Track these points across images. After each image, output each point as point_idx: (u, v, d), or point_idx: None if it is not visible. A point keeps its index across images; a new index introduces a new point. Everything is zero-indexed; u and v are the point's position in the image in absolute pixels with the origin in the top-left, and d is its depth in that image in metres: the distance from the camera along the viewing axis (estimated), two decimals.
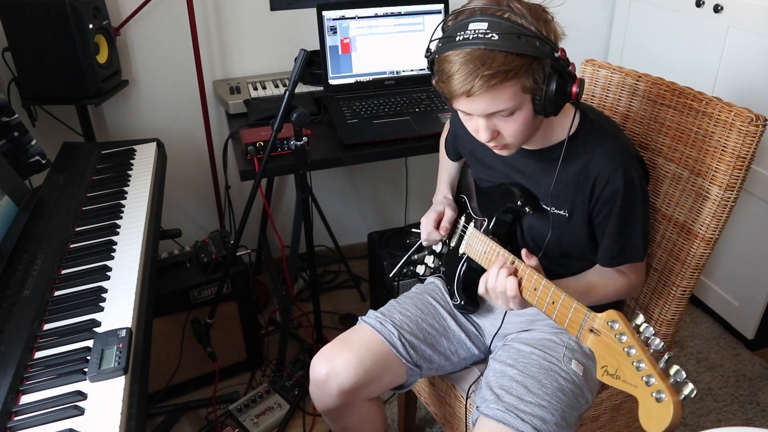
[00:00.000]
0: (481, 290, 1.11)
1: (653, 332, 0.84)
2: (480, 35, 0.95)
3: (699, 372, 2.04)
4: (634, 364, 0.83)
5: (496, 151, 1.13)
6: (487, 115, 1.02)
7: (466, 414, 1.32)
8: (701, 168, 1.21)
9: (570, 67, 0.99)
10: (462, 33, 0.96)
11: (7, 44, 1.74)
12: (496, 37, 0.94)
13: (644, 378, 0.81)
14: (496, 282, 1.07)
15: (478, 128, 1.06)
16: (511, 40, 0.94)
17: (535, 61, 0.96)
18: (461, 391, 1.34)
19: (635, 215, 1.13)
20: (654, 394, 0.79)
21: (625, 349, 0.84)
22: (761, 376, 2.01)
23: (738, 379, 2.00)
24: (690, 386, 0.78)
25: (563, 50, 0.98)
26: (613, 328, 0.87)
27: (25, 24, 1.68)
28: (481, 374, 1.33)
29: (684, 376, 0.79)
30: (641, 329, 0.85)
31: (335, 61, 1.97)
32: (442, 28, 1.05)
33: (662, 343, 0.83)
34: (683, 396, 0.78)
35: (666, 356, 0.81)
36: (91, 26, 1.72)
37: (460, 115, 1.09)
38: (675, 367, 0.80)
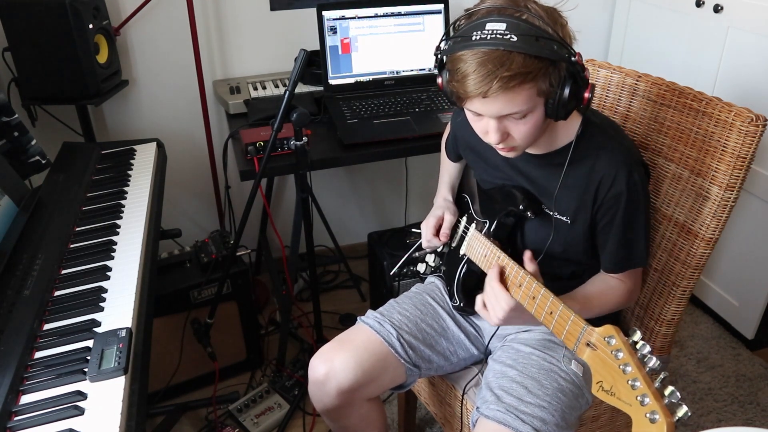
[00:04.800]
0: (478, 307, 1.12)
1: (650, 350, 0.83)
2: (498, 36, 0.93)
3: (699, 372, 2.04)
4: (630, 382, 0.82)
5: (503, 153, 1.12)
6: (499, 117, 1.01)
7: (462, 413, 1.32)
8: (701, 168, 1.21)
9: (585, 72, 0.99)
10: (479, 33, 0.94)
11: (7, 44, 1.74)
12: (515, 38, 0.92)
13: (639, 397, 0.80)
14: (492, 296, 1.08)
15: (487, 130, 1.04)
16: (529, 42, 0.92)
17: (552, 65, 0.96)
18: (461, 391, 1.34)
19: (638, 220, 1.12)
20: (648, 415, 0.78)
21: (621, 366, 0.83)
22: (761, 376, 2.01)
23: (738, 379, 2.00)
24: (684, 408, 0.77)
25: (580, 54, 0.97)
26: (609, 344, 0.86)
27: (25, 24, 1.68)
28: (481, 374, 1.33)
29: (679, 397, 0.78)
30: (638, 346, 0.84)
31: (335, 61, 1.97)
32: (454, 27, 1.03)
33: (658, 362, 0.82)
34: (677, 418, 0.77)
35: (661, 376, 0.80)
36: (91, 26, 1.72)
37: (469, 115, 1.07)
38: (670, 388, 0.79)
